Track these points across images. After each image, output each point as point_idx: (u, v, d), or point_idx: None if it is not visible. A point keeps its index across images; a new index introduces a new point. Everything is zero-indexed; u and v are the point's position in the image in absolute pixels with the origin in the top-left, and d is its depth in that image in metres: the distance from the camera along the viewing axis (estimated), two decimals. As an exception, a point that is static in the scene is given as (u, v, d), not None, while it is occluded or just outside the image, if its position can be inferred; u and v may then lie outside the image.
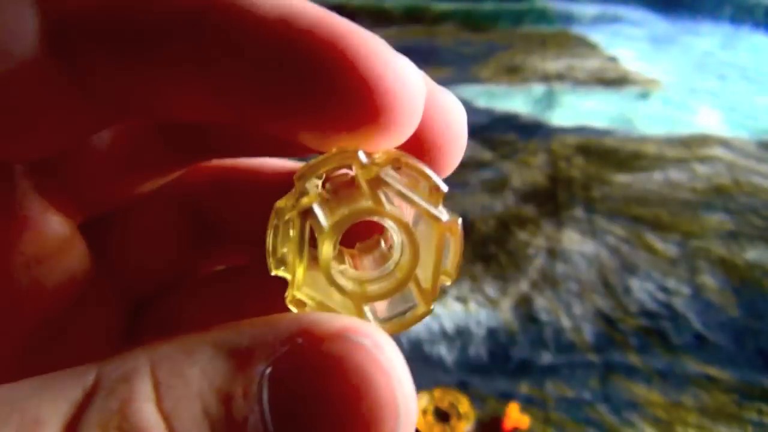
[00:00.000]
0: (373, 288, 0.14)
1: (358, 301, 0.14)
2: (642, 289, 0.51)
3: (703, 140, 0.71)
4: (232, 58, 0.12)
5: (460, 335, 0.47)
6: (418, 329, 0.48)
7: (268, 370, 0.11)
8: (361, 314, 0.14)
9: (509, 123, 0.74)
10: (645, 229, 0.57)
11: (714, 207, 0.60)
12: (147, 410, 0.10)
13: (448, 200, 0.14)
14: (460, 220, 0.14)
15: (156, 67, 0.12)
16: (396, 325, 0.14)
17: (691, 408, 0.42)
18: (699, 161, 0.67)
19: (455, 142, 0.14)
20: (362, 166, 0.13)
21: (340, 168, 0.14)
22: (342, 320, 0.11)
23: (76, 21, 0.12)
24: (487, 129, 0.73)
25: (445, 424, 0.41)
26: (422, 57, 0.90)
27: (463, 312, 0.49)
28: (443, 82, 0.14)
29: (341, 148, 0.13)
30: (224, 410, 0.10)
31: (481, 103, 0.78)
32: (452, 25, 1.01)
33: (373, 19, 1.01)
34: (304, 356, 0.11)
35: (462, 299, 0.50)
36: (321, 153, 0.14)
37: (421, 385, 0.43)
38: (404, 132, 0.13)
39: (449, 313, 0.49)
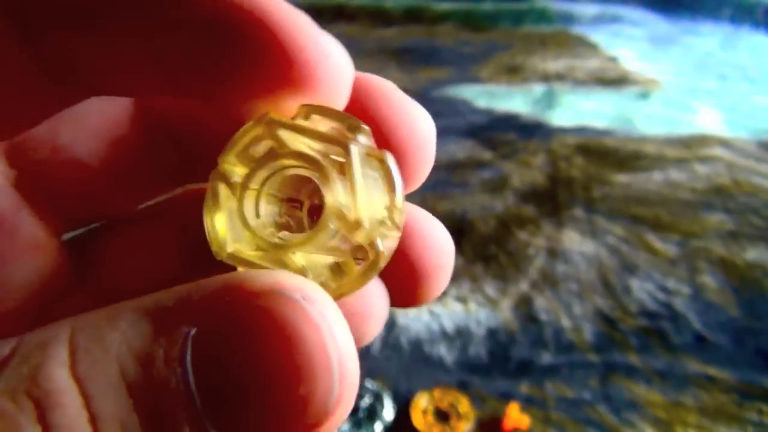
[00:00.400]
0: (300, 238, 0.13)
1: (284, 251, 0.13)
2: (642, 289, 0.51)
3: (703, 140, 0.71)
4: (168, 31, 0.12)
5: (460, 335, 0.47)
6: (418, 329, 0.48)
7: (193, 331, 0.10)
8: (295, 270, 0.13)
9: (509, 123, 0.74)
10: (645, 229, 0.57)
11: (714, 207, 0.60)
12: (59, 374, 0.10)
13: (447, 200, 0.14)
14: (388, 154, 0.13)
15: (102, 38, 0.12)
16: (348, 283, 0.13)
17: (691, 408, 0.42)
18: (699, 161, 0.67)
19: (422, 150, 0.14)
20: (263, 120, 0.13)
21: (255, 139, 0.14)
22: (271, 276, 0.11)
23: (43, 7, 0.12)
24: (487, 129, 0.73)
25: (445, 424, 0.41)
26: (422, 57, 0.90)
27: (463, 312, 0.49)
28: (443, 82, 0.15)
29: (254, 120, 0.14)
30: (143, 373, 0.10)
31: (481, 103, 0.78)
32: (452, 25, 1.01)
33: (373, 19, 1.01)
34: (229, 314, 0.10)
35: (462, 299, 0.50)
36: None
37: (421, 385, 0.43)
38: (328, 103, 0.13)
39: (449, 313, 0.49)
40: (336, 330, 0.10)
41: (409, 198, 0.14)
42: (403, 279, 0.15)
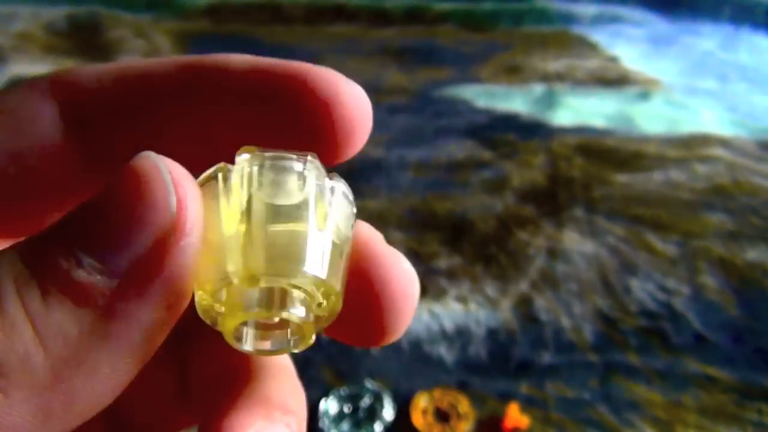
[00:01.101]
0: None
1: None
2: (642, 289, 0.51)
3: (703, 140, 0.71)
4: (219, 111, 0.14)
5: (460, 335, 0.47)
6: (418, 329, 0.48)
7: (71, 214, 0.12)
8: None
9: (509, 123, 0.74)
10: (645, 229, 0.57)
11: (714, 207, 0.60)
12: None
13: (447, 200, 0.14)
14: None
15: (151, 132, 0.14)
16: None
17: (691, 408, 0.42)
18: (699, 161, 0.67)
19: (402, 300, 0.16)
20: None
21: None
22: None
23: (85, 105, 0.15)
24: (487, 129, 0.73)
25: (445, 424, 0.41)
26: (422, 57, 0.90)
27: (463, 312, 0.49)
28: (443, 82, 0.15)
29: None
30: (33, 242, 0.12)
31: (481, 103, 0.78)
32: (452, 25, 1.01)
33: (373, 19, 1.01)
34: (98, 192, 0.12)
35: (462, 299, 0.50)
36: None
37: (421, 385, 0.43)
38: (358, 146, 0.16)
39: (449, 313, 0.49)
40: (167, 160, 0.12)
41: (410, 198, 0.14)
42: (362, 321, 0.15)
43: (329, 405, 0.42)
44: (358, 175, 0.64)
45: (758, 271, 0.53)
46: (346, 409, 0.42)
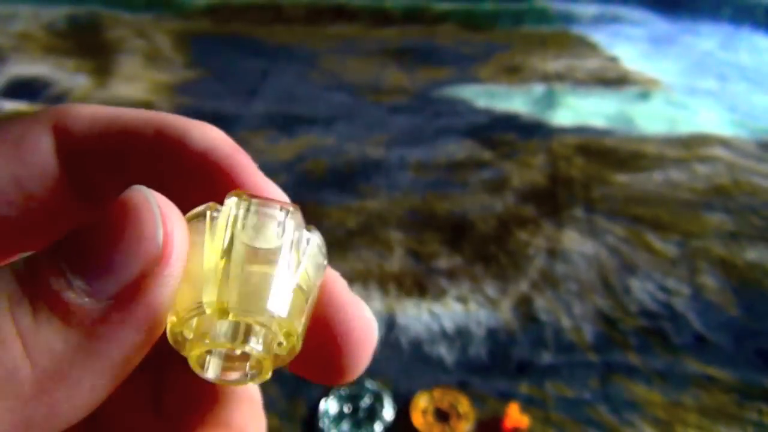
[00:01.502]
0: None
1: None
2: (642, 289, 0.51)
3: (703, 140, 0.71)
4: (182, 185, 0.16)
5: (460, 335, 0.47)
6: (418, 329, 0.48)
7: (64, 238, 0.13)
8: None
9: (509, 123, 0.74)
10: (645, 229, 0.57)
11: (714, 207, 0.60)
12: None
13: (447, 200, 0.14)
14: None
15: (129, 178, 0.16)
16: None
17: (691, 408, 0.42)
18: (699, 161, 0.67)
19: (362, 346, 0.17)
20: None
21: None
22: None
23: (78, 143, 0.16)
24: (487, 129, 0.73)
25: (445, 424, 0.41)
26: (422, 57, 0.90)
27: (463, 312, 0.49)
28: (443, 82, 0.15)
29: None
30: (27, 263, 0.13)
31: (481, 103, 0.78)
32: (452, 25, 1.01)
33: (373, 19, 1.01)
34: (91, 220, 0.13)
35: (462, 299, 0.50)
36: None
37: (421, 385, 0.43)
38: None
39: (449, 313, 0.49)
40: (157, 195, 0.13)
41: (410, 198, 0.14)
42: (324, 361, 0.17)
43: (329, 405, 0.42)
44: (358, 175, 0.64)
45: (758, 271, 0.53)
46: (346, 409, 0.42)
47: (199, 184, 0.16)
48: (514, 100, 0.79)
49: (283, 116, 0.75)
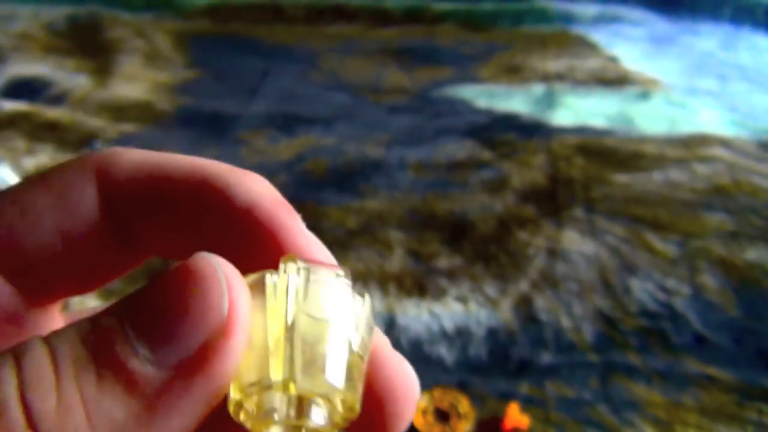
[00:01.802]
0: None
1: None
2: (642, 289, 0.51)
3: (703, 140, 0.71)
4: (222, 240, 0.16)
5: (460, 335, 0.47)
6: (418, 329, 0.48)
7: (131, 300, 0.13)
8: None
9: (509, 123, 0.74)
10: (645, 229, 0.57)
11: (714, 207, 0.60)
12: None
13: (447, 200, 0.14)
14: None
15: (170, 229, 0.16)
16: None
17: (691, 408, 0.42)
18: (699, 161, 0.67)
19: (405, 407, 0.17)
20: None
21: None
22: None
23: (123, 192, 0.16)
24: (487, 129, 0.73)
25: (445, 424, 0.41)
26: (422, 57, 0.90)
27: (463, 312, 0.49)
28: (443, 82, 0.15)
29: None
30: (92, 326, 0.13)
31: (481, 103, 0.78)
32: (452, 25, 1.01)
33: (373, 19, 1.01)
34: (156, 279, 0.13)
35: (462, 299, 0.50)
36: None
37: (421, 385, 0.43)
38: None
39: (449, 313, 0.49)
40: (224, 264, 0.13)
41: (410, 198, 0.14)
42: (367, 419, 0.16)
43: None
44: (358, 175, 0.64)
45: (758, 271, 0.53)
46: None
47: (242, 240, 0.16)
48: (514, 100, 0.79)
49: (283, 116, 0.75)
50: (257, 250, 0.16)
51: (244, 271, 0.16)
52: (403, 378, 0.17)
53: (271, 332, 0.14)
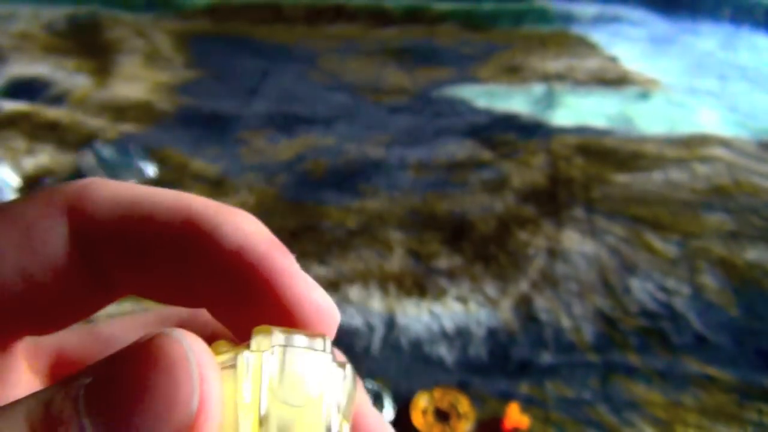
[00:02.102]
0: None
1: None
2: (642, 289, 0.51)
3: (703, 140, 0.71)
4: (207, 284, 0.15)
5: (460, 335, 0.47)
6: (418, 329, 0.48)
7: (89, 380, 0.12)
8: None
9: (509, 123, 0.74)
10: (645, 229, 0.57)
11: (714, 207, 0.60)
12: None
13: (447, 200, 0.14)
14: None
15: (150, 271, 0.15)
16: None
17: (691, 408, 0.42)
18: (699, 161, 0.67)
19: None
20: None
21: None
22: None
23: (97, 230, 0.15)
24: (487, 129, 0.73)
25: (445, 424, 0.41)
26: (422, 57, 0.90)
27: (463, 312, 0.49)
28: (443, 82, 0.15)
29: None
30: (44, 411, 0.12)
31: (481, 103, 0.78)
32: (452, 25, 1.01)
33: (373, 19, 1.01)
34: (119, 354, 0.12)
35: (462, 299, 0.50)
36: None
37: (421, 385, 0.43)
38: None
39: (449, 313, 0.49)
40: (196, 348, 0.12)
41: (410, 198, 0.14)
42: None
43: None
44: (358, 175, 0.64)
45: (758, 271, 0.53)
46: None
47: (230, 285, 0.15)
48: (514, 100, 0.79)
49: (283, 116, 0.75)
50: (248, 295, 0.15)
51: (232, 321, 0.16)
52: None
53: (243, 426, 0.13)
